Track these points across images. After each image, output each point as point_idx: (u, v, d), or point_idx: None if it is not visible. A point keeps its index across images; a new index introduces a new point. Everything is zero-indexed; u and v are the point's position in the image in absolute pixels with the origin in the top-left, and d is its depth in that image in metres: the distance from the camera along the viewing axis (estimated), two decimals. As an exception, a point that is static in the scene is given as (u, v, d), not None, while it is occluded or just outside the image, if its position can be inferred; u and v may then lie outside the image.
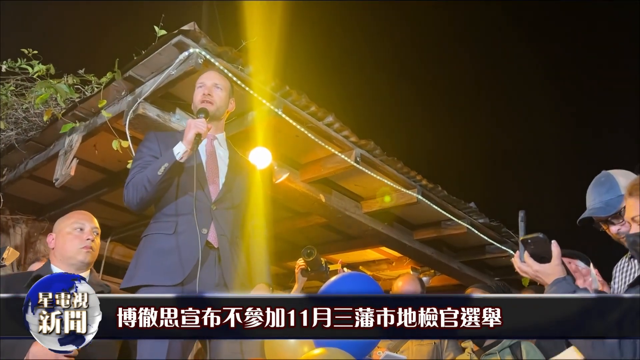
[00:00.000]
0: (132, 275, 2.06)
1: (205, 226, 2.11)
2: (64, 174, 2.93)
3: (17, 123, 3.26)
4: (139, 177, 2.09)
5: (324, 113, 3.08)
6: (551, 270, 1.50)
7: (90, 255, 2.22)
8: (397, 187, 3.69)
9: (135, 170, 2.14)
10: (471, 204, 4.23)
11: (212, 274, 2.09)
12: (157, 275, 2.02)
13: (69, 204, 4.02)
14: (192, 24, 2.44)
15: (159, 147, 2.19)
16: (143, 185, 2.06)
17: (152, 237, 2.11)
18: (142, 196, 2.07)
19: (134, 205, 2.11)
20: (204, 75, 2.32)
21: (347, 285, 1.92)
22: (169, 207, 2.13)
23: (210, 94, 2.20)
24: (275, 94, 2.84)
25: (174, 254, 2.05)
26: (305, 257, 3.02)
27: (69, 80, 3.02)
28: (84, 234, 2.22)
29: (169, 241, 2.07)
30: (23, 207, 4.16)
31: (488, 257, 4.83)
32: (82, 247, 2.19)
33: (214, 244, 2.12)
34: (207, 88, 2.22)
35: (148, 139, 2.25)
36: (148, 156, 2.17)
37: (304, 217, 4.39)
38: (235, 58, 2.67)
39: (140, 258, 2.10)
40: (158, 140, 2.22)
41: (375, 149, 3.43)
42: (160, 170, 2.03)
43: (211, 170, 2.21)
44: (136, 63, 2.65)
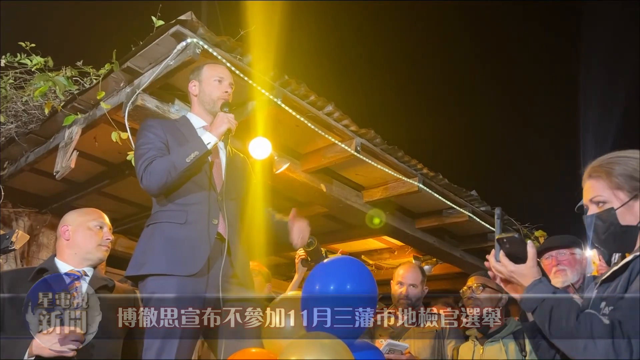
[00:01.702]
0: (141, 263, 2.04)
1: (215, 217, 2.12)
2: (64, 167, 2.93)
3: (17, 116, 3.26)
4: (162, 162, 2.06)
5: (324, 102, 3.07)
6: (526, 272, 1.48)
7: (107, 253, 2.30)
8: (398, 176, 3.68)
9: (150, 154, 2.09)
10: (472, 192, 4.22)
11: (220, 265, 2.10)
12: (170, 265, 2.01)
13: (70, 196, 4.04)
14: (189, 14, 2.42)
15: (164, 134, 2.18)
16: (168, 170, 2.03)
17: (161, 225, 2.09)
18: (166, 181, 2.05)
19: (154, 189, 2.08)
20: (219, 69, 2.34)
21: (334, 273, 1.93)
22: (179, 196, 2.12)
23: (228, 92, 2.28)
24: (274, 84, 2.83)
25: (186, 244, 2.05)
26: (305, 247, 3.02)
27: (67, 73, 3.02)
28: (104, 233, 2.29)
29: (181, 231, 2.07)
30: (25, 200, 4.17)
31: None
32: (102, 245, 2.26)
33: (224, 234, 2.14)
34: (226, 86, 2.29)
35: (152, 125, 2.23)
36: (158, 142, 2.15)
37: (305, 207, 4.39)
38: (233, 48, 2.65)
39: (149, 246, 2.07)
40: (162, 127, 2.21)
41: (375, 138, 3.42)
42: (190, 157, 2.03)
43: (215, 162, 2.23)
44: (134, 54, 2.64)
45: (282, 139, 3.38)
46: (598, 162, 1.56)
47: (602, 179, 1.52)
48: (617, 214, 1.48)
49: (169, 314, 1.95)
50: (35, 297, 2.06)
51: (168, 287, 1.98)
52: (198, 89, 2.31)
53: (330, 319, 1.78)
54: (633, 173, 1.50)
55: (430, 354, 2.94)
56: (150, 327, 1.97)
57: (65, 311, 2.04)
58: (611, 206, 1.49)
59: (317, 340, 1.70)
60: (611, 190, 1.50)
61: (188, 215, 2.08)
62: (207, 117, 2.29)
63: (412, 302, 3.10)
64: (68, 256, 2.23)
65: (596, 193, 1.52)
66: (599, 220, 1.50)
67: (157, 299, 1.98)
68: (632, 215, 1.47)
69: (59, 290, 2.08)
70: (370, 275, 1.96)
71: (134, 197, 4.23)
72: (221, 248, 2.12)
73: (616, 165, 1.52)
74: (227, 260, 2.12)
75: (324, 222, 4.73)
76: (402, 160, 3.67)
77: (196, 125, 2.28)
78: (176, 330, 1.93)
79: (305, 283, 1.98)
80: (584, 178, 1.59)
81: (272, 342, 1.94)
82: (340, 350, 1.67)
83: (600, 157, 1.58)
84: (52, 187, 4.04)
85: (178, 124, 2.30)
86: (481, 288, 2.78)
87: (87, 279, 2.22)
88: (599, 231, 1.51)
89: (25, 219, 4.19)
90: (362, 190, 4.06)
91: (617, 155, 1.55)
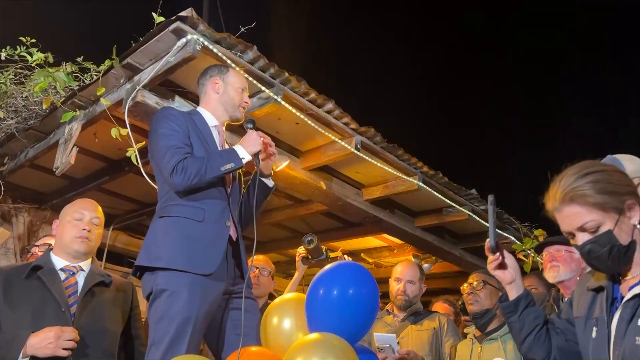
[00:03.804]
0: (157, 255, 2.00)
1: (227, 219, 2.14)
2: (64, 163, 2.93)
3: (17, 112, 3.25)
4: (196, 163, 2.05)
5: (324, 100, 3.06)
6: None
7: (86, 245, 2.19)
8: (398, 174, 3.68)
9: (183, 150, 2.08)
10: (472, 190, 4.21)
11: (228, 266, 2.13)
12: (185, 262, 1.98)
13: (70, 192, 4.04)
14: (189, 10, 2.41)
15: (186, 126, 2.18)
16: (201, 173, 2.03)
17: (179, 220, 2.07)
18: (197, 182, 2.05)
19: (181, 187, 2.05)
20: (244, 80, 2.43)
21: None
22: (196, 193, 2.11)
23: (248, 103, 2.40)
24: (274, 81, 2.83)
25: (203, 243, 2.04)
26: (305, 245, 3.03)
27: (67, 68, 3.01)
28: (82, 224, 2.20)
29: (199, 229, 2.05)
30: (25, 195, 4.17)
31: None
32: (78, 236, 2.18)
33: (233, 236, 2.16)
34: (246, 97, 2.38)
35: (175, 115, 2.20)
36: (183, 136, 2.14)
37: (304, 204, 4.40)
38: (234, 44, 2.65)
39: (165, 240, 2.03)
40: (184, 119, 2.20)
41: (375, 136, 3.42)
42: (225, 168, 2.07)
43: None
44: (134, 50, 2.63)
45: (282, 137, 3.39)
46: (572, 184, 1.41)
47: (585, 203, 1.39)
48: (615, 234, 1.37)
49: (181, 310, 1.92)
50: (29, 295, 2.04)
51: (181, 283, 1.95)
52: (222, 88, 2.33)
53: (334, 322, 1.78)
54: (616, 188, 1.39)
55: (428, 352, 2.93)
56: (158, 321, 1.94)
57: (60, 309, 2.02)
58: (607, 228, 1.38)
59: (326, 341, 1.68)
60: (599, 212, 1.38)
61: (206, 213, 2.08)
62: (222, 117, 2.33)
63: (410, 299, 3.10)
64: (59, 251, 2.19)
65: (585, 220, 1.39)
66: (598, 246, 1.38)
67: (167, 293, 1.95)
68: (626, 232, 1.38)
69: (54, 287, 2.06)
70: (373, 281, 1.96)
71: (134, 193, 4.24)
72: (230, 249, 2.15)
73: (597, 183, 1.39)
74: (233, 261, 2.16)
75: (323, 220, 4.74)
76: (402, 158, 3.67)
77: (209, 124, 2.29)
78: (187, 328, 1.91)
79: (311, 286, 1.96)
80: (553, 203, 1.44)
81: (273, 341, 1.94)
82: (348, 353, 1.67)
83: (571, 174, 1.44)
84: (52, 183, 4.04)
85: (194, 117, 2.28)
86: (482, 285, 2.78)
87: (84, 274, 2.18)
88: (602, 257, 1.38)
89: (25, 214, 4.19)
90: (362, 188, 4.06)
91: (593, 170, 1.43)
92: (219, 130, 2.31)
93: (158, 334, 1.92)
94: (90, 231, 2.21)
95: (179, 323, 1.91)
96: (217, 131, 2.30)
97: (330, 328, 1.75)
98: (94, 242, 2.23)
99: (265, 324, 2.01)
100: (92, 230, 2.22)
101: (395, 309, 3.17)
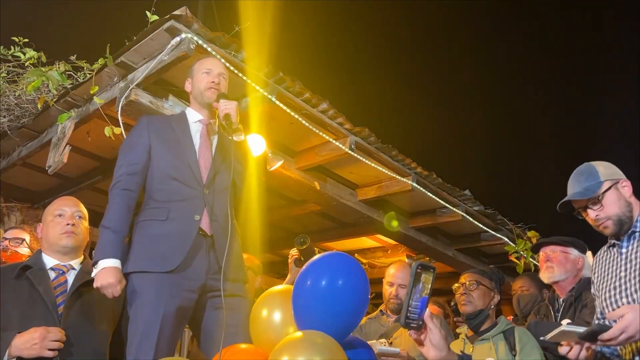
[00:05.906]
0: (127, 260, 2.05)
1: (198, 212, 2.12)
2: (56, 161, 2.91)
3: (10, 110, 3.23)
4: (118, 198, 2.11)
5: (318, 100, 3.06)
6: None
7: (73, 239, 2.18)
8: (392, 175, 3.68)
9: (122, 171, 2.17)
10: (466, 191, 4.23)
11: (204, 260, 2.10)
12: (149, 262, 2.02)
13: (63, 191, 4.01)
14: (183, 9, 2.41)
15: (148, 137, 2.20)
16: (113, 212, 2.07)
17: (144, 223, 2.11)
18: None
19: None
20: (208, 62, 2.35)
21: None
22: (162, 193, 2.14)
23: (218, 83, 2.28)
24: (268, 80, 2.82)
25: (166, 240, 2.05)
26: (298, 246, 3.02)
27: (60, 67, 2.99)
28: (64, 219, 2.19)
29: (162, 228, 2.07)
30: (18, 194, 4.15)
31: (483, 244, 4.85)
32: (63, 232, 2.16)
33: (207, 230, 2.13)
34: (214, 76, 2.29)
35: (140, 126, 2.24)
36: (136, 152, 2.19)
37: (299, 204, 4.39)
38: (228, 43, 2.64)
39: (132, 244, 2.09)
40: (149, 128, 2.22)
41: (370, 136, 3.42)
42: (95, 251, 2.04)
43: (203, 155, 2.23)
44: (128, 49, 2.62)
45: (276, 136, 3.38)
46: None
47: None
48: None
49: (147, 310, 1.96)
50: (17, 295, 2.02)
51: (147, 284, 2.00)
52: (191, 85, 2.34)
53: (322, 316, 1.74)
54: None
55: (420, 353, 2.93)
56: (130, 323, 1.99)
57: (47, 308, 2.00)
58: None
59: (310, 340, 1.65)
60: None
61: (170, 212, 2.09)
62: (202, 110, 2.31)
63: (402, 302, 3.09)
64: (48, 250, 2.18)
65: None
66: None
67: (136, 295, 2.00)
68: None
69: (42, 286, 2.04)
70: (362, 271, 1.93)
71: (127, 193, 4.21)
72: (205, 243, 2.12)
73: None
74: (212, 255, 2.12)
75: (317, 220, 4.73)
76: (396, 159, 3.68)
77: (192, 120, 2.30)
78: (154, 327, 1.94)
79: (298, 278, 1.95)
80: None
81: (261, 337, 1.92)
82: (334, 350, 1.64)
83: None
84: (45, 182, 4.02)
85: (174, 120, 2.30)
86: (475, 285, 2.76)
87: (74, 273, 2.16)
88: None
89: (17, 213, 4.16)
90: (356, 189, 4.06)
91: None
92: (203, 122, 2.30)
93: (130, 335, 1.98)
94: (75, 225, 2.19)
95: (146, 322, 1.94)
96: (201, 125, 2.29)
97: (317, 321, 1.72)
98: (81, 235, 2.21)
99: (255, 318, 1.97)
100: (76, 224, 2.20)
101: (388, 310, 3.17)
